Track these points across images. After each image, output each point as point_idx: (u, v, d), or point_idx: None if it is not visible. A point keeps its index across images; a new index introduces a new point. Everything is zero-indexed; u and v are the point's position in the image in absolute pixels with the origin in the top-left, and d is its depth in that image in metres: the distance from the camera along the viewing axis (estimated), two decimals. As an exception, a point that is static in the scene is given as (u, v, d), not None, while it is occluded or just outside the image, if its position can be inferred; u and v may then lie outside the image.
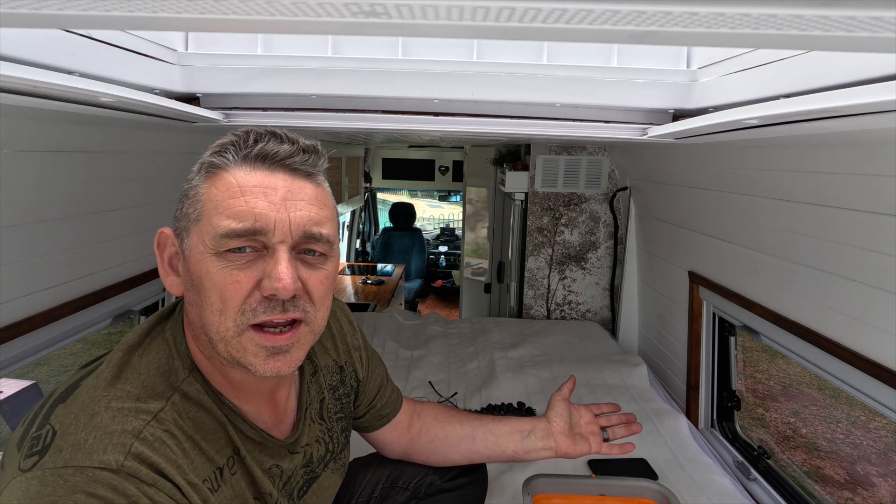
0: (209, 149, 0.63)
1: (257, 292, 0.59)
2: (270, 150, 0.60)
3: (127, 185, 1.38)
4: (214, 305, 0.59)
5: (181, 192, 0.64)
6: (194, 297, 0.61)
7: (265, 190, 0.59)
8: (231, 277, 0.58)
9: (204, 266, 0.59)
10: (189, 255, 0.61)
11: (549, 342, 2.48)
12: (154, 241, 0.66)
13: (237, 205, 0.58)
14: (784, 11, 0.31)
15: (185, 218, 0.62)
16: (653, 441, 1.64)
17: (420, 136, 2.73)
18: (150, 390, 0.60)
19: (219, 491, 0.63)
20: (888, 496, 3.21)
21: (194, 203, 0.61)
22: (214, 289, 0.59)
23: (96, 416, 0.56)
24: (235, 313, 0.59)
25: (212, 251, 0.58)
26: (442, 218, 10.03)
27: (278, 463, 0.74)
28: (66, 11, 0.35)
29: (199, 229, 0.60)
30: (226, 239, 0.58)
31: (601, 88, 1.09)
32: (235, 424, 0.67)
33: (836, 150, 1.03)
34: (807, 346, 1.29)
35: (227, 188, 0.59)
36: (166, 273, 0.66)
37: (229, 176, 0.60)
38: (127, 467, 0.53)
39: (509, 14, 0.34)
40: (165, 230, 0.65)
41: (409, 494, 1.04)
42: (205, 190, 0.61)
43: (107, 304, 1.42)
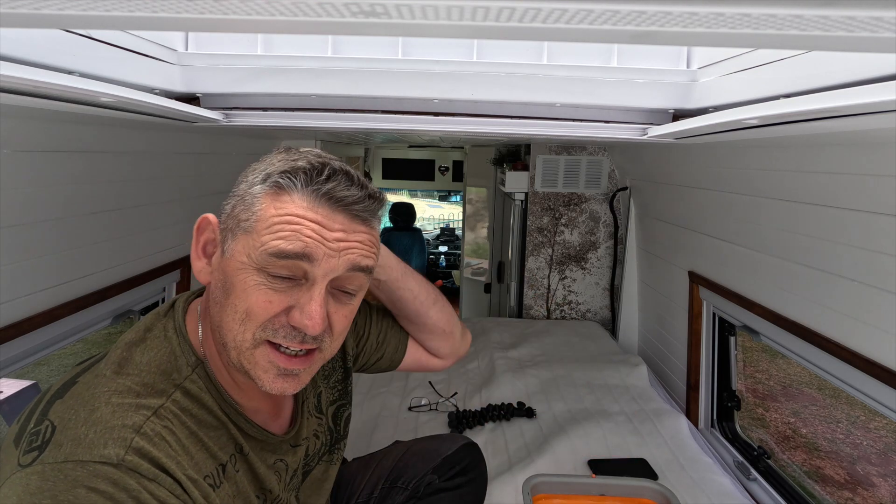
0: (281, 160, 0.63)
1: (283, 317, 0.60)
2: (339, 193, 0.61)
3: (127, 185, 1.38)
4: (238, 315, 0.60)
5: (235, 191, 0.64)
6: (220, 297, 0.62)
7: (321, 227, 0.60)
8: (264, 296, 0.59)
9: (242, 276, 0.60)
10: (230, 257, 0.61)
11: (549, 342, 2.48)
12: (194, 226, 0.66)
13: (291, 229, 0.59)
14: (784, 11, 0.31)
15: (235, 219, 0.62)
16: (653, 441, 1.64)
17: (420, 136, 2.73)
18: (150, 387, 0.60)
19: (221, 487, 0.63)
20: (888, 496, 3.21)
21: (248, 210, 0.61)
22: (244, 300, 0.60)
23: (96, 412, 0.56)
24: (256, 328, 0.60)
25: (255, 266, 0.59)
26: (442, 218, 10.03)
27: (282, 458, 0.75)
28: (66, 11, 0.35)
29: (248, 240, 0.60)
30: (273, 258, 0.58)
31: (601, 88, 1.09)
32: (237, 423, 0.67)
33: (836, 150, 1.03)
34: (807, 346, 1.29)
35: (285, 211, 0.59)
36: (198, 257, 0.66)
37: (290, 201, 0.60)
38: (128, 462, 0.53)
39: (509, 14, 0.34)
40: (210, 216, 0.66)
41: (408, 494, 1.04)
42: (263, 204, 0.60)
43: (107, 304, 1.42)
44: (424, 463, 1.08)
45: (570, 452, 1.57)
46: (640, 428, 1.72)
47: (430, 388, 2.02)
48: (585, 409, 1.84)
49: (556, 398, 1.93)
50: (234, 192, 0.64)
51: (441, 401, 1.90)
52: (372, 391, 1.99)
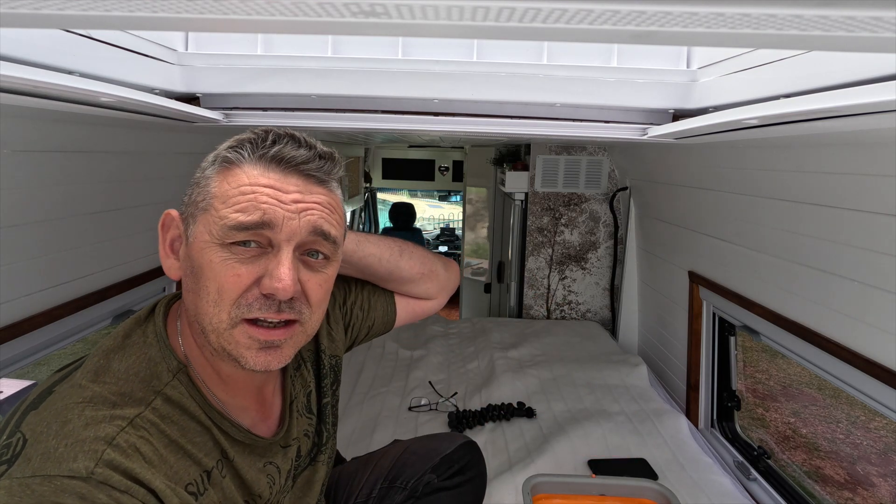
0: (227, 142, 0.63)
1: (256, 288, 0.60)
2: (286, 154, 0.60)
3: (127, 185, 1.38)
4: (211, 296, 0.59)
5: (192, 180, 0.64)
6: (192, 285, 0.61)
7: (276, 191, 0.60)
8: (232, 270, 0.59)
9: (206, 255, 0.59)
10: (193, 241, 0.61)
11: (549, 342, 2.48)
12: (158, 224, 0.66)
13: (247, 199, 0.59)
14: (784, 11, 0.31)
15: (193, 205, 0.62)
16: (653, 441, 1.64)
17: (420, 136, 2.73)
18: (127, 396, 0.59)
19: (205, 494, 0.62)
20: (888, 496, 3.21)
21: (203, 192, 0.61)
22: (213, 279, 0.59)
23: (68, 424, 0.54)
24: (230, 306, 0.59)
25: (217, 241, 0.59)
26: (442, 218, 10.03)
27: (272, 460, 0.73)
28: (66, 11, 0.35)
29: (206, 218, 0.60)
30: (233, 231, 0.58)
31: (601, 88, 1.09)
32: (222, 428, 0.66)
33: (836, 150, 1.03)
34: (807, 346, 1.29)
35: (238, 183, 0.60)
36: (166, 255, 0.65)
37: (242, 172, 0.60)
38: (98, 475, 0.52)
39: (509, 14, 0.34)
40: (172, 212, 0.65)
41: (406, 494, 1.04)
42: (216, 182, 0.61)
43: (107, 304, 1.42)
44: (423, 462, 1.08)
45: (570, 452, 1.57)
46: (640, 428, 1.72)
47: (430, 388, 2.02)
48: (585, 409, 1.84)
49: (556, 398, 1.93)
50: (190, 182, 0.65)
51: (441, 401, 1.90)
52: (372, 391, 1.99)
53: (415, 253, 0.97)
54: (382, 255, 0.92)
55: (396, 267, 0.94)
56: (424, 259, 0.98)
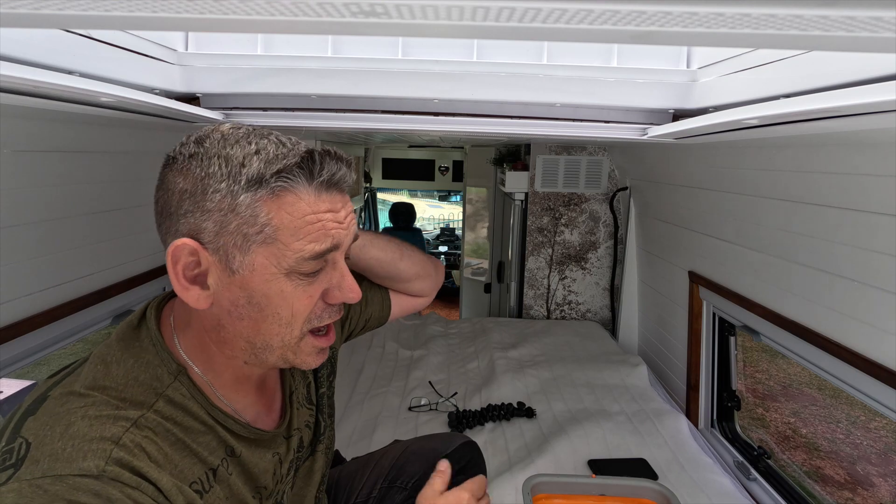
0: (249, 155, 0.59)
1: (321, 301, 0.64)
2: (336, 176, 0.62)
3: (127, 185, 1.38)
4: (283, 319, 0.62)
5: (206, 203, 0.59)
6: (251, 313, 0.61)
7: (334, 213, 0.62)
8: (305, 294, 0.62)
9: (276, 286, 0.60)
10: (251, 273, 0.60)
11: (549, 342, 2.48)
12: (167, 253, 0.61)
13: (316, 229, 0.60)
14: (784, 11, 0.31)
15: (237, 235, 0.58)
16: (653, 441, 1.64)
17: (420, 136, 2.73)
18: (129, 400, 0.59)
19: (211, 492, 0.62)
20: (888, 496, 3.21)
21: (254, 223, 0.58)
22: (287, 305, 0.62)
23: (73, 426, 0.54)
24: (302, 323, 0.63)
25: (285, 271, 0.60)
26: (442, 218, 10.03)
27: (276, 451, 0.75)
28: (66, 11, 0.35)
29: (270, 251, 0.59)
30: (310, 261, 0.61)
31: (601, 88, 1.09)
32: (226, 426, 0.66)
33: (836, 150, 1.03)
34: (807, 346, 1.29)
35: (301, 213, 0.59)
36: (185, 287, 0.61)
37: (300, 202, 0.59)
38: (109, 472, 0.52)
39: (509, 14, 0.34)
40: (188, 242, 0.59)
41: (406, 494, 1.04)
42: (271, 212, 0.58)
43: (107, 304, 1.42)
44: (423, 462, 1.08)
45: (570, 452, 1.57)
46: (640, 428, 1.72)
47: (430, 388, 2.02)
48: (585, 409, 1.84)
49: (556, 398, 1.93)
50: (204, 206, 0.59)
51: (441, 401, 1.90)
52: (372, 391, 1.99)
53: (413, 256, 1.01)
54: (384, 257, 0.96)
55: (396, 269, 0.98)
56: (421, 261, 1.02)
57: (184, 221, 0.60)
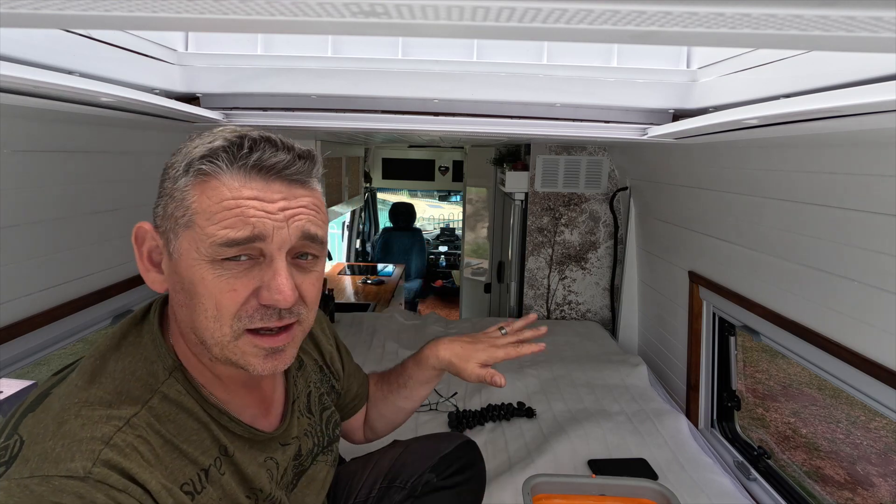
0: (196, 146, 0.59)
1: (254, 300, 0.59)
2: (267, 161, 0.58)
3: (126, 185, 1.38)
4: (209, 312, 0.58)
5: (162, 188, 0.61)
6: (184, 300, 0.60)
7: (262, 202, 0.58)
8: (227, 286, 0.58)
9: (198, 273, 0.58)
10: (179, 258, 0.59)
11: (549, 342, 2.46)
12: (131, 237, 0.63)
13: (233, 214, 0.57)
14: (784, 11, 0.31)
15: (171, 219, 0.59)
16: (653, 441, 1.64)
17: (420, 136, 2.73)
18: (124, 395, 0.58)
19: (203, 492, 0.61)
20: (888, 496, 3.21)
21: (182, 206, 0.58)
22: (209, 296, 0.58)
23: (65, 424, 0.54)
24: (231, 319, 0.59)
25: (206, 258, 0.57)
26: (442, 218, 10.03)
27: (272, 455, 0.73)
28: (66, 11, 0.35)
29: (191, 235, 0.58)
30: (224, 248, 0.57)
31: (601, 88, 1.09)
32: (220, 423, 0.66)
33: (836, 150, 1.03)
34: (807, 346, 1.29)
35: (220, 197, 0.57)
36: (147, 269, 0.63)
37: (221, 185, 0.57)
38: (95, 474, 0.51)
39: (509, 14, 0.34)
40: (144, 225, 0.62)
41: (406, 493, 1.04)
42: (194, 196, 0.58)
43: (107, 304, 1.42)
44: (422, 462, 1.08)
45: (570, 452, 1.57)
46: (640, 428, 1.72)
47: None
48: (585, 409, 1.84)
49: (556, 398, 1.93)
50: (161, 191, 0.61)
51: (441, 401, 1.90)
52: (372, 391, 1.99)
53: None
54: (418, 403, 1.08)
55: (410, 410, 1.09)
56: None
57: (154, 207, 0.63)
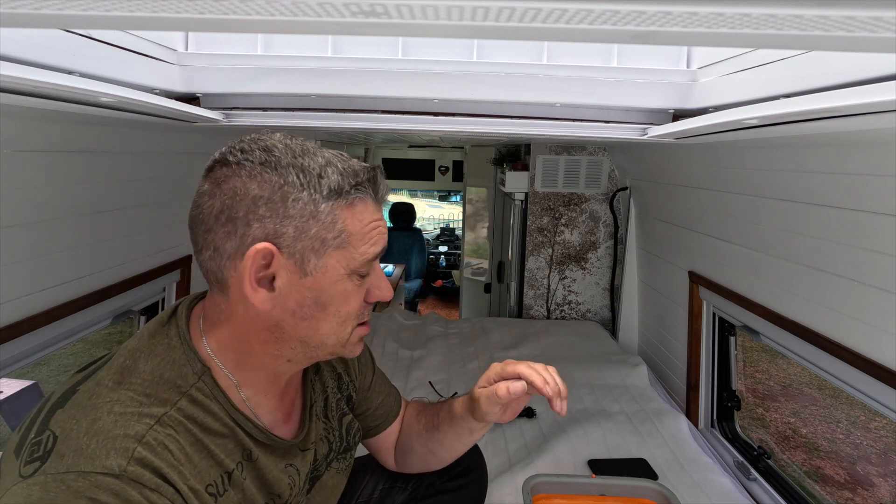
0: (331, 170, 0.63)
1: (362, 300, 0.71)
2: (386, 193, 0.71)
3: (127, 185, 1.38)
4: (341, 317, 0.68)
5: (290, 210, 0.61)
6: (314, 313, 0.66)
7: (382, 221, 0.70)
8: (358, 293, 0.69)
9: (342, 286, 0.66)
10: (321, 274, 0.65)
11: (549, 342, 2.48)
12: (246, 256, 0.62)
13: (377, 234, 0.68)
14: (784, 11, 0.31)
15: (315, 240, 0.63)
16: (653, 441, 1.64)
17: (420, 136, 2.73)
18: (154, 396, 0.60)
19: (225, 495, 0.63)
20: (888, 496, 3.21)
21: (332, 228, 0.64)
22: (346, 304, 0.68)
23: (98, 421, 0.55)
24: (354, 321, 0.70)
25: (349, 273, 0.66)
26: (442, 218, 10.02)
27: (292, 462, 0.75)
28: (66, 11, 0.35)
29: (343, 254, 0.65)
30: (370, 263, 0.68)
31: (601, 88, 1.09)
32: (245, 429, 0.67)
33: (836, 150, 1.03)
34: (807, 346, 1.29)
35: (368, 220, 0.67)
36: (254, 290, 0.63)
37: (366, 210, 0.67)
38: (130, 472, 0.53)
39: (509, 14, 0.34)
40: (270, 247, 0.61)
41: (408, 495, 1.04)
42: (349, 220, 0.65)
43: (107, 304, 1.42)
44: (424, 463, 1.08)
45: (570, 452, 1.57)
46: (640, 428, 1.72)
47: (430, 388, 2.02)
48: (585, 409, 1.84)
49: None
50: (284, 213, 0.61)
51: (441, 400, 1.90)
52: (372, 391, 1.99)
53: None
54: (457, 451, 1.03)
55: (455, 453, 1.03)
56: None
57: (258, 227, 0.61)
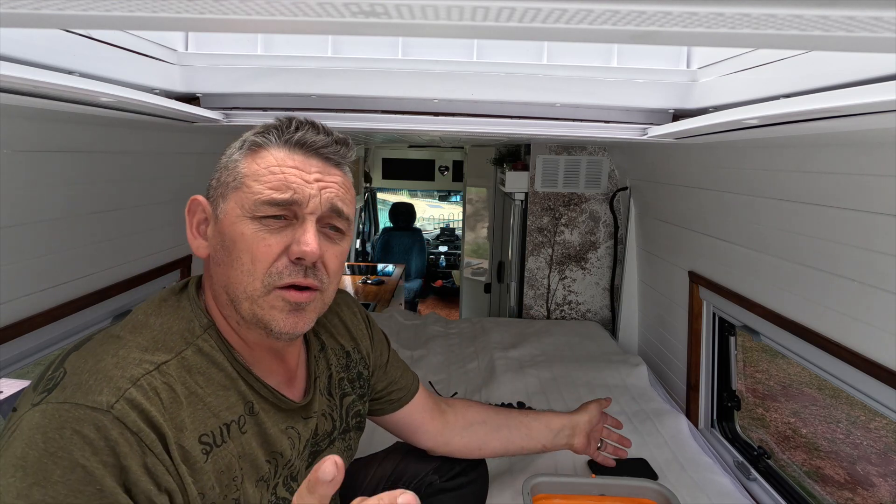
0: (252, 130, 0.71)
1: (284, 257, 0.67)
2: (308, 139, 0.69)
3: (127, 185, 1.38)
4: (245, 266, 0.66)
5: (219, 165, 0.72)
6: (223, 257, 0.68)
7: (301, 171, 0.68)
8: (263, 241, 0.66)
9: (238, 228, 0.66)
10: (224, 217, 0.68)
11: (549, 342, 2.48)
12: (185, 209, 0.73)
13: (277, 178, 0.66)
14: (784, 11, 0.31)
15: (223, 185, 0.69)
16: (653, 441, 1.64)
17: (420, 136, 2.73)
18: (160, 344, 0.64)
19: (222, 446, 0.65)
20: (888, 496, 3.21)
21: (233, 173, 0.69)
22: (246, 249, 0.66)
23: (102, 362, 0.60)
24: (263, 274, 0.66)
25: (248, 215, 0.66)
26: (442, 218, 10.02)
27: (293, 426, 0.76)
28: (66, 11, 0.35)
29: (238, 195, 0.67)
30: (266, 206, 0.66)
31: (601, 88, 1.09)
32: (248, 382, 0.71)
33: (836, 150, 1.03)
34: (807, 346, 1.29)
35: (267, 164, 0.67)
36: (194, 237, 0.72)
37: (269, 154, 0.68)
38: (116, 410, 0.56)
39: (509, 14, 0.34)
40: (198, 197, 0.72)
41: (409, 494, 1.04)
42: (246, 163, 0.68)
43: (107, 304, 1.42)
44: (425, 463, 1.08)
45: (569, 452, 1.57)
46: (640, 428, 1.72)
47: (431, 388, 2.02)
48: (585, 409, 1.84)
49: (556, 398, 1.93)
50: (216, 168, 0.72)
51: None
52: (372, 391, 1.99)
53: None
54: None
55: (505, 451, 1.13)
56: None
57: (207, 185, 0.73)
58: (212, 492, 0.63)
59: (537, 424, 1.14)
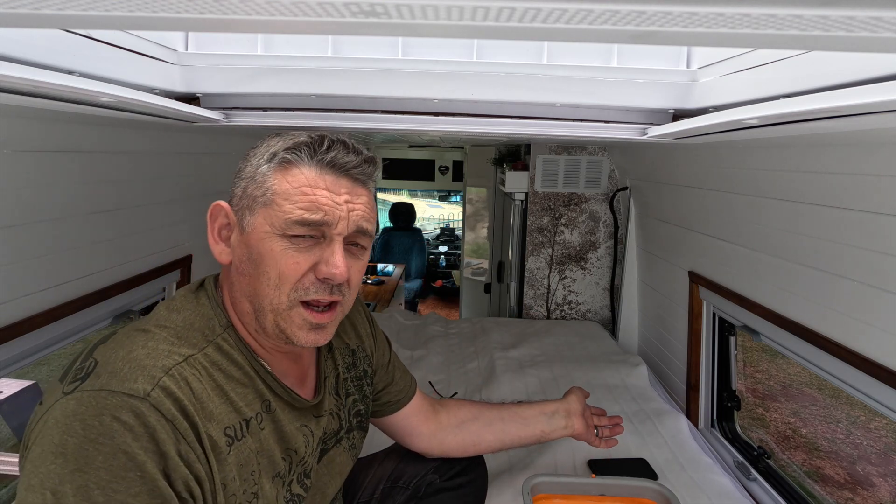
0: (278, 142, 0.71)
1: (311, 274, 0.69)
2: (339, 160, 0.70)
3: (127, 185, 1.38)
4: (272, 280, 0.68)
5: (243, 173, 0.72)
6: (249, 269, 0.69)
7: (332, 193, 0.69)
8: (292, 259, 0.68)
9: (267, 245, 0.68)
10: (252, 231, 0.69)
11: (549, 342, 2.48)
12: (207, 213, 0.74)
13: (308, 199, 0.67)
14: (784, 11, 0.31)
15: (249, 198, 0.70)
16: (653, 441, 1.64)
17: (420, 136, 2.73)
18: (184, 339, 0.67)
19: (242, 441, 0.67)
20: (888, 496, 3.21)
21: (262, 187, 0.69)
22: (274, 266, 0.68)
23: (133, 352, 0.62)
24: (290, 290, 0.68)
25: (278, 233, 0.67)
26: (442, 218, 10.02)
27: (306, 424, 0.78)
28: (66, 11, 0.35)
29: (267, 212, 0.68)
30: (296, 226, 0.67)
31: (601, 88, 1.09)
32: (265, 381, 0.72)
33: (836, 150, 1.03)
34: (807, 346, 1.29)
35: (299, 183, 0.68)
36: (216, 241, 0.74)
37: (301, 174, 0.69)
38: (153, 398, 0.58)
39: (509, 14, 0.34)
40: (222, 203, 0.73)
41: (409, 494, 1.04)
42: (276, 179, 0.69)
43: (107, 304, 1.42)
44: (425, 463, 1.08)
45: (570, 452, 1.57)
46: (640, 428, 1.72)
47: (431, 388, 2.02)
48: (585, 409, 1.84)
49: (557, 398, 1.92)
50: (241, 176, 0.72)
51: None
52: (372, 391, 1.99)
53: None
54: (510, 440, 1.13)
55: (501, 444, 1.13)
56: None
57: (230, 191, 0.74)
58: (233, 483, 0.64)
59: (531, 411, 1.15)
